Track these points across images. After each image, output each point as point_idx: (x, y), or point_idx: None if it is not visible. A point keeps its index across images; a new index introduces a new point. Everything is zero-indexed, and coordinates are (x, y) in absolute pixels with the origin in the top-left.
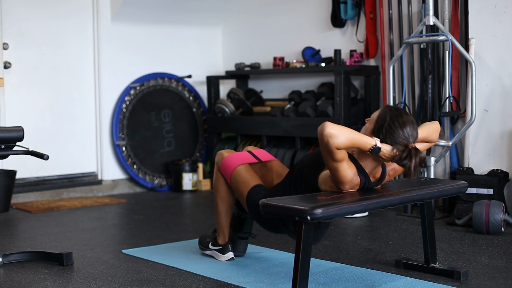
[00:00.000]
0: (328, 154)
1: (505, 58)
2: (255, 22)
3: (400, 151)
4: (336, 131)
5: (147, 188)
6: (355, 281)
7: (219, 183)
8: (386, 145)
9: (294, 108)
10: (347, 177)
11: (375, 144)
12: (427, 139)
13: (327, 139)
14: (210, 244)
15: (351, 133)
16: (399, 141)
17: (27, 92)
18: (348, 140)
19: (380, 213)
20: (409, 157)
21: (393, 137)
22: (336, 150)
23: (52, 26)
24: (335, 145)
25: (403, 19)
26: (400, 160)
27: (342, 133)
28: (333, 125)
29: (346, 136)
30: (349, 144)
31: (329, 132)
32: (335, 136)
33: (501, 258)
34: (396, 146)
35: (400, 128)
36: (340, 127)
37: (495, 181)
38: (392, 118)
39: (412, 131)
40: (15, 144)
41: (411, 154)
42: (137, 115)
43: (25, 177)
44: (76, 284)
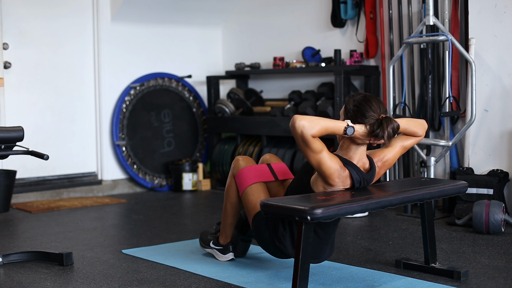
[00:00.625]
0: (306, 145)
1: (505, 58)
2: (255, 22)
3: (372, 124)
4: (307, 121)
5: (147, 188)
6: (355, 281)
7: (231, 189)
8: (358, 124)
9: (294, 108)
10: (331, 167)
11: (347, 125)
12: (409, 130)
13: (300, 130)
14: (211, 243)
15: (323, 120)
16: (369, 115)
17: (27, 92)
18: (321, 127)
19: (380, 213)
20: (381, 127)
21: (362, 114)
22: (312, 138)
23: (52, 26)
24: (310, 133)
25: (403, 19)
26: (373, 131)
27: (313, 120)
28: (303, 116)
29: (319, 123)
30: (322, 131)
31: (301, 123)
32: (308, 125)
33: (501, 258)
34: (367, 121)
35: (365, 104)
36: (310, 117)
37: (495, 181)
38: (355, 99)
39: (378, 104)
40: (15, 144)
41: (382, 123)
42: (137, 115)
43: (25, 177)
44: (76, 284)
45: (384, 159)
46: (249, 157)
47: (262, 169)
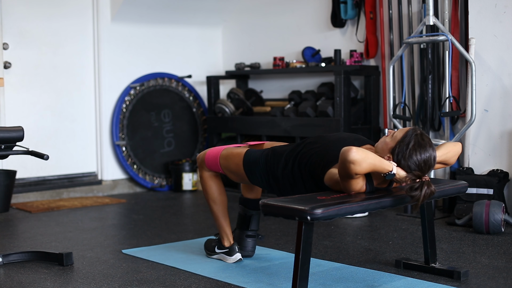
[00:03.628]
0: (346, 175)
1: (505, 58)
2: (255, 22)
3: (413, 180)
4: (360, 158)
5: (147, 188)
6: (355, 281)
7: (208, 185)
8: (401, 170)
9: (294, 108)
10: (356, 188)
11: (391, 170)
12: (445, 161)
13: (349, 165)
14: (216, 248)
15: (373, 160)
16: (415, 171)
17: (27, 92)
18: (369, 167)
19: (380, 213)
20: (420, 189)
21: (410, 165)
22: (355, 175)
23: (52, 26)
24: (356, 171)
25: (403, 19)
26: (411, 190)
27: (365, 160)
28: (358, 151)
29: (368, 163)
30: (368, 170)
31: (353, 158)
32: (358, 163)
33: (501, 258)
34: (410, 174)
35: (420, 158)
36: (364, 154)
37: (495, 181)
38: (415, 146)
39: (431, 162)
40: (15, 144)
41: (422, 186)
42: (137, 115)
43: (25, 177)
44: (76, 284)
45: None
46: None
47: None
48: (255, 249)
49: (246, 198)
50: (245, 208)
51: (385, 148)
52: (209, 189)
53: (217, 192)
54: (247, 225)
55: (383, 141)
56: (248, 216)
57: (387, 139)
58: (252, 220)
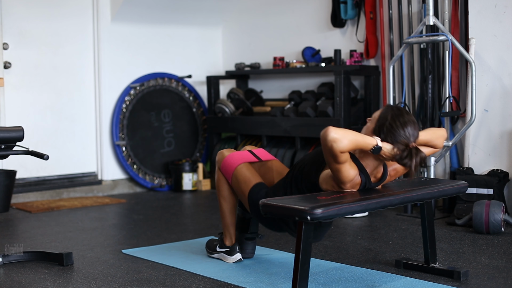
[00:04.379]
0: (332, 158)
1: (505, 58)
2: (255, 22)
3: (401, 150)
4: (340, 135)
5: (147, 188)
6: (355, 281)
7: (221, 183)
8: (387, 144)
9: (294, 108)
10: (349, 177)
11: (376, 144)
12: (430, 143)
13: (331, 144)
14: (217, 247)
15: (354, 135)
16: (400, 140)
17: (27, 92)
18: (351, 143)
19: (380, 213)
20: (409, 156)
21: (394, 136)
22: (340, 154)
23: (52, 26)
24: (339, 149)
25: (403, 19)
26: (401, 159)
27: (345, 136)
28: (336, 129)
29: (349, 139)
30: (352, 147)
31: (333, 136)
32: (339, 140)
33: (501, 258)
34: (397, 145)
35: (401, 127)
36: (342, 131)
37: (495, 181)
38: (393, 117)
39: (413, 130)
40: (15, 144)
41: (411, 153)
42: (137, 115)
43: (25, 177)
44: (76, 284)
45: (398, 168)
46: (231, 149)
47: (243, 153)
48: (255, 251)
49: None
50: (244, 211)
51: (368, 133)
52: (221, 186)
53: (228, 191)
54: (246, 227)
55: (365, 127)
56: (248, 219)
57: (368, 124)
58: (251, 223)
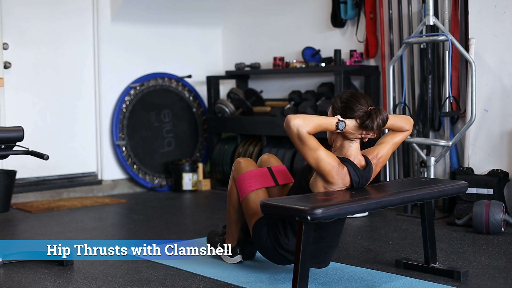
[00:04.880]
0: (303, 143)
1: (505, 58)
2: (255, 22)
3: (361, 116)
4: (301, 119)
5: (147, 188)
6: (355, 281)
7: (233, 193)
8: (348, 119)
9: (294, 108)
10: (330, 163)
11: (338, 120)
12: (396, 125)
13: (295, 129)
14: (218, 245)
15: (315, 117)
16: (357, 109)
17: (27, 92)
18: (315, 123)
19: (380, 213)
20: (370, 118)
21: (350, 109)
22: (308, 135)
23: (52, 26)
24: (306, 130)
25: (403, 19)
26: (363, 123)
27: (306, 118)
28: (296, 115)
29: (312, 120)
30: (316, 127)
31: (296, 122)
32: (302, 124)
33: (501, 258)
34: (356, 115)
35: (352, 99)
36: (303, 115)
37: (495, 181)
38: (342, 97)
39: (364, 99)
40: (15, 144)
41: (371, 114)
42: (137, 115)
43: (25, 177)
44: (76, 284)
45: (378, 155)
46: (250, 159)
47: (262, 173)
48: (255, 254)
49: None
50: None
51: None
52: (233, 196)
53: (238, 201)
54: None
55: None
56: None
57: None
58: None
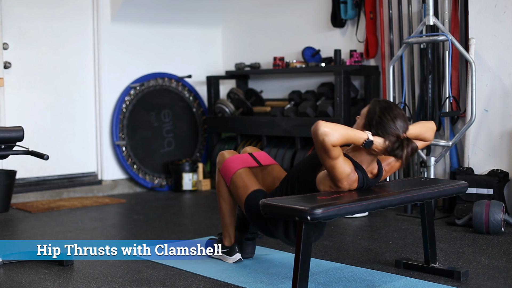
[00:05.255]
0: (325, 152)
1: (505, 58)
2: (255, 22)
3: (392, 142)
4: (330, 128)
5: (147, 188)
6: (355, 281)
7: (221, 184)
8: (378, 137)
9: (294, 108)
10: (344, 172)
11: (368, 138)
12: (421, 136)
13: (322, 138)
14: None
15: (344, 129)
16: (391, 132)
17: (27, 92)
18: (342, 136)
19: (380, 213)
20: (401, 147)
21: (384, 128)
22: (332, 147)
23: (52, 26)
24: (331, 142)
25: (403, 19)
26: (392, 151)
27: (335, 130)
28: (326, 123)
29: (340, 133)
30: (343, 140)
31: (324, 130)
32: (330, 133)
33: (501, 258)
34: (387, 137)
35: (390, 119)
36: (333, 125)
37: (495, 181)
38: (382, 110)
39: (402, 122)
40: (15, 144)
41: (403, 144)
42: (137, 115)
43: (25, 177)
44: (76, 284)
45: (392, 163)
46: (233, 151)
47: (244, 157)
48: (254, 251)
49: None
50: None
51: (358, 129)
52: (221, 188)
53: (228, 193)
54: (246, 228)
55: (355, 125)
56: (247, 219)
57: (357, 121)
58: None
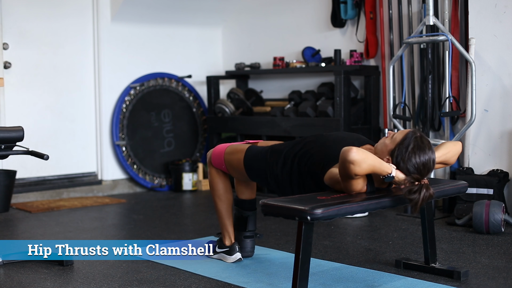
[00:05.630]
0: (346, 176)
1: (505, 58)
2: (255, 22)
3: (411, 183)
4: (360, 158)
5: (147, 188)
6: (355, 281)
7: (215, 181)
8: (400, 173)
9: (294, 108)
10: (356, 188)
11: (390, 173)
12: (445, 161)
13: (349, 165)
14: (217, 247)
15: (373, 161)
16: (412, 173)
17: (27, 92)
18: (369, 168)
19: (380, 213)
20: (418, 192)
21: (409, 168)
22: (355, 176)
23: (52, 26)
24: (355, 172)
25: (403, 19)
26: (409, 193)
27: (365, 161)
28: (359, 151)
29: (368, 164)
30: (368, 171)
31: (353, 158)
32: (358, 164)
33: (501, 258)
34: (409, 177)
35: (419, 162)
36: (364, 154)
37: (495, 181)
38: (415, 149)
39: (430, 165)
40: (15, 144)
41: (421, 189)
42: (137, 115)
43: (25, 177)
44: (76, 284)
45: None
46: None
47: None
48: (254, 249)
49: (241, 199)
50: (240, 210)
51: (384, 150)
52: (215, 185)
53: (223, 190)
54: (244, 226)
55: (382, 142)
56: (245, 217)
57: (386, 140)
58: (249, 221)
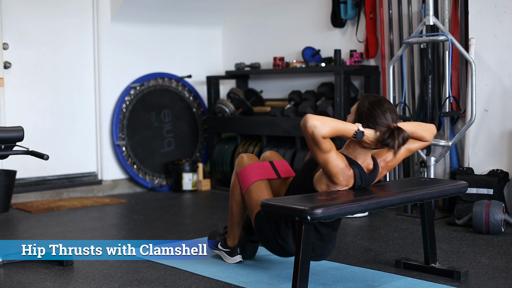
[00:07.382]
0: (315, 145)
1: (505, 58)
2: (255, 22)
3: (383, 132)
4: (319, 121)
5: (147, 188)
6: (355, 281)
7: (236, 187)
8: (369, 129)
9: (294, 108)
10: (338, 166)
11: (358, 129)
12: (416, 134)
13: (311, 130)
14: (219, 244)
15: (334, 121)
16: (381, 123)
17: (27, 92)
18: (332, 128)
19: (380, 213)
20: (391, 136)
21: (374, 120)
22: (322, 139)
23: (52, 26)
24: (321, 134)
25: (403, 19)
26: (383, 140)
27: (325, 122)
28: (315, 116)
29: (330, 125)
30: (333, 132)
31: (313, 123)
32: (319, 126)
33: (501, 258)
34: (378, 128)
35: (380, 111)
36: (322, 117)
37: (495, 181)
38: (371, 104)
39: (392, 114)
40: (15, 144)
41: (393, 133)
42: (137, 115)
43: (25, 177)
44: (76, 284)
45: (387, 159)
46: (253, 155)
47: (264, 166)
48: (255, 254)
49: None
50: None
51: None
52: (235, 191)
53: (241, 196)
54: (252, 231)
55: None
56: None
57: (348, 118)
58: None
